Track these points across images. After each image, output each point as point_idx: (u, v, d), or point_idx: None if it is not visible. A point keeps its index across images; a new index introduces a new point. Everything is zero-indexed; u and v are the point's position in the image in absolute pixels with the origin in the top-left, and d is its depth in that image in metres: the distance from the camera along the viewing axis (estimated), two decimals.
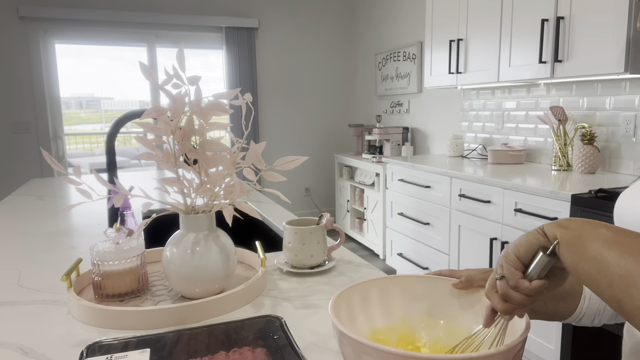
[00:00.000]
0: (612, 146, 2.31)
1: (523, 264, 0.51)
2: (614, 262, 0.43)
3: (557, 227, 0.50)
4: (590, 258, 0.46)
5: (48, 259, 1.14)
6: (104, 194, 1.80)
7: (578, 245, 0.47)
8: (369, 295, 0.68)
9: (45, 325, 0.77)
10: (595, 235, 0.47)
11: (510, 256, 0.52)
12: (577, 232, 0.48)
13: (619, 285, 0.42)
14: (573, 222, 0.50)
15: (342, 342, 0.54)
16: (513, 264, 0.51)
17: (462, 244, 2.53)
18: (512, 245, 0.52)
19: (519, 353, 0.51)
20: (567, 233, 0.49)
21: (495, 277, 0.54)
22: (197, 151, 0.80)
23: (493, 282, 0.54)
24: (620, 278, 0.42)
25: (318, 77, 4.82)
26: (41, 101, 3.93)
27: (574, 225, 0.49)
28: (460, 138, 3.22)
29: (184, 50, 0.78)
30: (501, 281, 0.53)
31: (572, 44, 2.10)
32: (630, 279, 0.41)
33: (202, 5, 4.29)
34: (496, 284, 0.54)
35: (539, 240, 0.50)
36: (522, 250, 0.51)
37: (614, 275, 0.43)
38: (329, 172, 4.99)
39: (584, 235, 0.47)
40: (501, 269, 0.53)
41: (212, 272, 0.83)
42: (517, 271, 0.51)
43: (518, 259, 0.51)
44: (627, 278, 0.42)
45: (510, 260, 0.52)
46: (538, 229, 0.51)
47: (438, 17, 3.00)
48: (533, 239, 0.51)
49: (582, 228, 0.48)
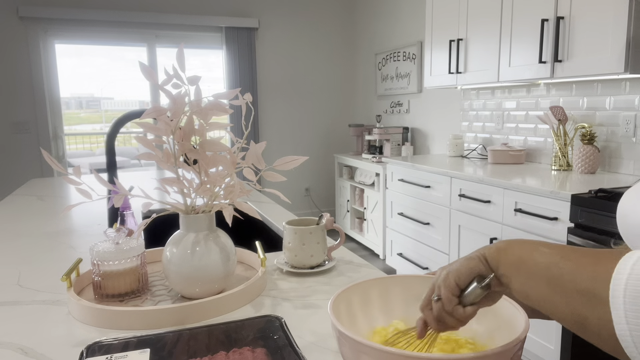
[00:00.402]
0: (612, 146, 2.32)
1: (460, 290, 0.52)
2: (569, 278, 0.42)
3: (497, 252, 0.50)
4: (540, 278, 0.45)
5: (48, 259, 1.14)
6: (104, 194, 1.80)
7: (523, 268, 0.47)
8: (369, 295, 0.68)
9: (45, 325, 0.77)
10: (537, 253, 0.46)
11: (450, 282, 0.52)
12: (519, 255, 0.48)
13: (579, 301, 0.41)
14: (513, 245, 0.49)
15: (341, 342, 0.54)
16: (451, 290, 0.52)
17: (462, 244, 2.53)
18: (453, 270, 0.53)
19: (518, 353, 0.51)
20: (510, 257, 0.49)
21: (432, 297, 0.55)
22: (197, 151, 0.80)
23: (429, 300, 0.55)
24: (578, 293, 0.41)
25: (318, 77, 4.82)
26: (41, 101, 3.93)
27: (515, 248, 0.49)
28: (460, 138, 3.22)
29: (184, 50, 0.79)
30: (437, 303, 0.54)
31: (572, 44, 2.10)
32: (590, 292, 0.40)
33: (202, 5, 4.29)
34: (431, 303, 0.55)
35: (479, 269, 0.51)
36: (462, 278, 0.52)
37: (571, 292, 0.42)
38: (329, 172, 4.99)
39: (525, 256, 0.47)
40: (439, 291, 0.54)
41: (212, 272, 0.83)
42: (454, 297, 0.52)
43: (457, 286, 0.52)
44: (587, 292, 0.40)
45: (449, 286, 0.52)
46: (480, 255, 0.51)
47: (438, 17, 3.00)
48: (474, 266, 0.51)
49: (522, 250, 0.48)
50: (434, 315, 0.54)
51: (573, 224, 1.81)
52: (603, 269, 0.40)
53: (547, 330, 1.99)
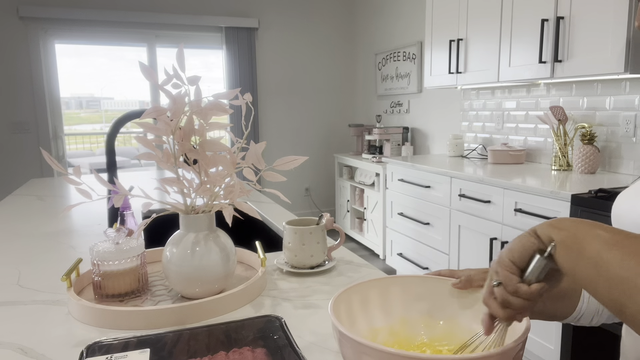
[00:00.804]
0: (612, 146, 2.31)
1: (519, 269, 0.50)
2: (615, 264, 0.42)
3: (550, 228, 0.48)
4: (588, 260, 0.44)
5: (48, 259, 1.14)
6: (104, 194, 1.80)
7: (575, 247, 0.46)
8: (369, 295, 0.68)
9: (45, 325, 0.77)
10: (592, 236, 0.45)
11: (505, 261, 0.50)
12: (572, 233, 0.47)
13: (620, 289, 0.41)
14: (566, 222, 0.48)
15: (342, 343, 0.54)
16: (509, 269, 0.50)
17: (462, 244, 2.53)
18: (505, 250, 0.51)
19: (519, 353, 0.51)
20: (562, 234, 0.47)
21: (492, 284, 0.52)
22: (197, 151, 0.80)
23: (490, 289, 0.52)
24: (621, 281, 0.41)
25: (318, 77, 4.82)
26: (41, 101, 3.93)
27: (568, 226, 0.48)
28: (460, 138, 3.22)
29: (184, 50, 0.78)
30: (499, 288, 0.51)
31: (572, 44, 2.10)
32: (631, 281, 0.40)
33: (202, 5, 4.29)
34: (493, 290, 0.52)
35: (533, 244, 0.49)
36: (516, 255, 0.50)
37: (615, 278, 0.41)
38: (329, 172, 4.99)
39: (579, 236, 0.46)
40: (497, 275, 0.51)
41: (212, 272, 0.83)
42: (514, 276, 0.50)
43: (513, 264, 0.50)
44: (630, 281, 0.40)
45: (506, 266, 0.50)
46: (530, 232, 0.50)
47: (438, 17, 3.00)
48: (527, 242, 0.49)
49: (577, 229, 0.47)
50: (498, 302, 0.51)
51: None
52: None
53: (547, 330, 1.99)
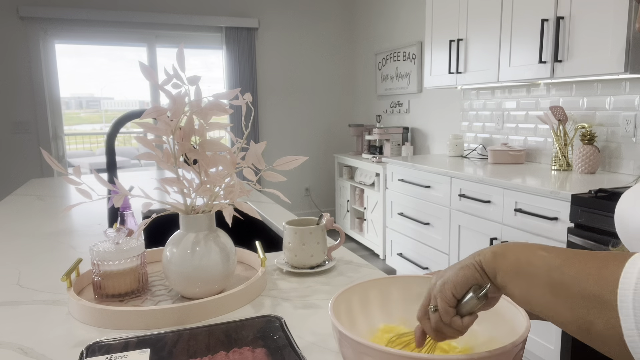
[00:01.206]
0: (612, 146, 2.31)
1: (457, 300, 0.51)
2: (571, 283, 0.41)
3: (494, 258, 0.48)
4: (541, 284, 0.43)
5: (48, 259, 1.14)
6: (104, 194, 1.80)
7: (523, 273, 0.45)
8: (368, 295, 0.68)
9: (45, 325, 0.77)
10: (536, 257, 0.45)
11: (447, 293, 0.51)
12: (517, 259, 0.46)
13: (584, 307, 0.40)
14: (510, 248, 0.48)
15: (342, 343, 0.54)
16: (448, 302, 0.51)
17: (462, 244, 2.53)
18: (449, 281, 0.51)
19: (519, 353, 0.51)
20: (507, 262, 0.47)
21: (429, 308, 0.54)
22: (197, 151, 0.80)
23: (426, 309, 0.54)
24: (583, 298, 0.40)
25: (318, 77, 4.82)
26: (41, 101, 3.93)
27: (512, 252, 0.47)
28: (460, 138, 3.22)
29: (184, 50, 0.79)
30: (435, 314, 0.53)
31: (572, 44, 2.10)
32: (596, 297, 0.39)
33: (202, 5, 4.29)
34: (429, 313, 0.54)
35: (476, 278, 0.50)
36: (458, 289, 0.50)
37: (575, 297, 0.40)
38: (329, 172, 4.99)
39: (525, 261, 0.45)
40: (435, 302, 0.52)
41: (212, 272, 0.83)
42: (451, 309, 0.51)
43: (454, 297, 0.51)
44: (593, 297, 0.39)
45: (446, 298, 0.51)
46: (476, 263, 0.50)
47: (438, 17, 3.00)
48: (470, 275, 0.50)
49: (521, 253, 0.46)
50: (432, 326, 0.54)
51: (573, 224, 1.81)
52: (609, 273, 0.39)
53: (547, 330, 1.99)
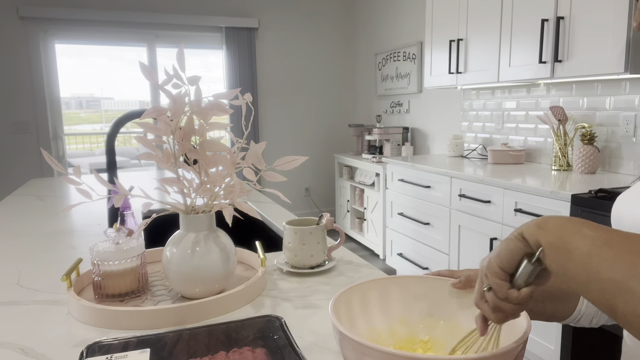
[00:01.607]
0: (612, 146, 2.31)
1: (508, 274, 0.50)
2: (604, 266, 0.41)
3: (537, 230, 0.48)
4: (578, 262, 0.43)
5: (48, 259, 1.14)
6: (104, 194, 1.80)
7: (563, 249, 0.45)
8: (368, 296, 0.68)
9: (45, 325, 0.77)
10: (580, 236, 0.44)
11: (494, 268, 0.50)
12: (559, 234, 0.46)
13: (611, 291, 0.40)
14: (553, 222, 0.47)
15: (343, 344, 0.54)
16: (498, 276, 0.50)
17: (462, 244, 2.53)
18: (493, 255, 0.50)
19: (521, 353, 0.51)
20: (549, 236, 0.47)
21: (482, 289, 0.52)
22: (197, 151, 0.80)
23: (481, 292, 0.53)
24: (612, 283, 0.40)
25: (318, 77, 4.82)
26: (41, 101, 3.93)
27: (555, 226, 0.47)
28: (460, 138, 3.22)
29: (184, 50, 0.78)
30: (489, 293, 0.51)
31: (572, 44, 2.10)
32: (624, 283, 0.39)
33: (202, 5, 4.29)
34: (484, 294, 0.52)
35: (520, 248, 0.49)
36: (504, 261, 0.50)
37: (606, 280, 0.41)
38: (329, 172, 4.99)
39: (567, 237, 0.45)
40: (487, 280, 0.51)
41: (212, 272, 0.83)
42: (504, 282, 0.50)
43: (502, 270, 0.50)
44: (621, 282, 0.40)
45: (495, 272, 0.50)
46: (517, 235, 0.49)
47: (438, 17, 3.00)
48: (514, 247, 0.49)
49: (564, 229, 0.46)
50: (490, 306, 0.52)
51: None
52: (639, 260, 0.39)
53: (547, 330, 1.99)
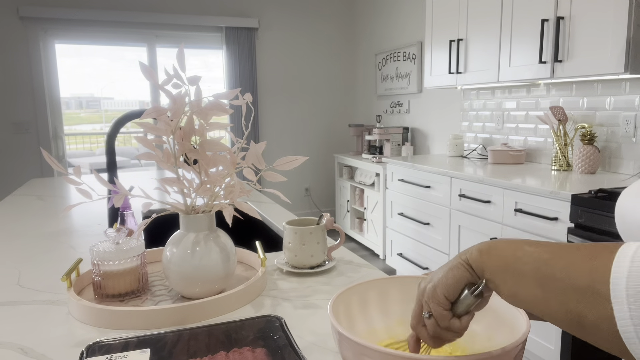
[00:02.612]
0: (612, 146, 2.32)
1: (450, 303, 0.50)
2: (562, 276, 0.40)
3: (482, 256, 0.47)
4: (529, 279, 0.43)
5: (48, 259, 1.14)
6: (104, 194, 1.80)
7: (510, 270, 0.44)
8: (367, 296, 0.68)
9: (45, 325, 0.77)
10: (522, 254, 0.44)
11: (439, 297, 0.49)
12: (504, 257, 0.45)
13: (575, 299, 0.39)
14: (496, 246, 0.47)
15: (342, 344, 0.54)
16: (442, 305, 0.49)
17: (462, 244, 2.52)
18: (440, 284, 0.49)
19: (520, 354, 0.51)
20: (494, 261, 0.46)
21: (423, 315, 0.52)
22: (197, 151, 0.80)
23: (420, 318, 0.52)
24: (575, 290, 0.39)
25: (318, 77, 4.82)
26: (41, 101, 3.93)
27: (496, 250, 0.46)
28: (460, 138, 3.22)
29: (184, 50, 0.79)
30: (430, 320, 0.51)
31: (572, 44, 2.10)
32: (589, 288, 0.38)
33: (202, 5, 4.29)
34: (423, 320, 0.52)
35: (466, 277, 0.48)
36: (450, 290, 0.49)
37: (566, 290, 0.40)
38: (329, 172, 4.99)
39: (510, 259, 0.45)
40: (428, 307, 0.51)
41: (212, 272, 0.83)
42: (447, 312, 0.50)
43: (447, 299, 0.49)
44: (586, 288, 0.39)
45: (439, 301, 0.50)
46: (463, 262, 0.48)
47: (438, 17, 3.00)
48: (460, 276, 0.48)
49: (508, 250, 0.45)
50: (429, 334, 0.52)
51: (573, 224, 1.81)
52: (599, 262, 0.38)
53: (547, 330, 1.99)
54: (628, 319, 0.36)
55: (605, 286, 0.37)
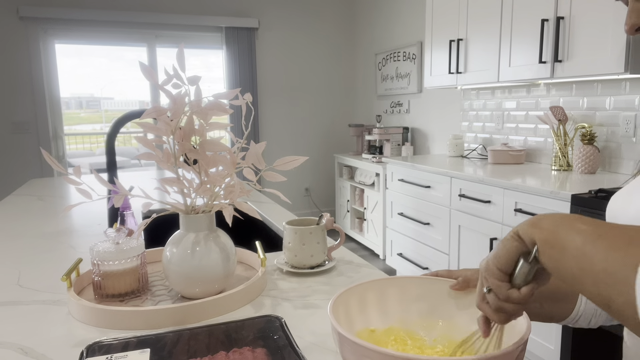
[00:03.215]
0: (612, 146, 2.31)
1: (506, 274, 0.50)
2: (598, 258, 0.41)
3: (531, 229, 0.48)
4: (572, 256, 0.44)
5: (48, 259, 1.14)
6: (104, 194, 1.80)
7: (557, 245, 0.45)
8: (366, 297, 0.68)
9: (45, 325, 0.77)
10: (574, 231, 0.45)
11: (492, 269, 0.50)
12: (553, 231, 0.46)
13: (605, 282, 0.40)
14: (547, 219, 0.48)
15: (342, 345, 0.54)
16: (497, 277, 0.50)
17: (462, 244, 2.53)
18: (491, 257, 0.51)
19: (521, 354, 0.51)
20: (544, 233, 0.47)
21: (483, 290, 0.53)
22: (197, 151, 0.80)
23: (482, 294, 0.53)
24: (606, 274, 0.40)
25: (318, 77, 4.82)
26: (41, 101, 3.93)
27: (549, 223, 0.47)
28: (460, 138, 3.22)
29: (184, 50, 0.78)
30: (490, 294, 0.52)
31: (572, 44, 2.10)
32: (618, 273, 0.39)
33: (202, 5, 4.29)
34: (485, 296, 0.53)
35: (517, 248, 0.49)
36: (502, 262, 0.50)
37: (600, 272, 0.41)
38: (329, 172, 4.99)
39: (561, 233, 0.45)
40: (486, 282, 0.52)
41: (212, 272, 0.83)
42: (504, 283, 0.50)
43: (500, 271, 0.50)
44: (615, 273, 0.39)
45: (494, 274, 0.50)
46: (513, 234, 0.49)
47: (438, 17, 3.00)
48: (511, 247, 0.49)
49: (558, 225, 0.46)
50: (492, 308, 0.52)
51: None
52: (634, 251, 0.39)
53: (547, 331, 1.99)
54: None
55: (633, 273, 0.38)
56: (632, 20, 0.60)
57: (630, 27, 0.61)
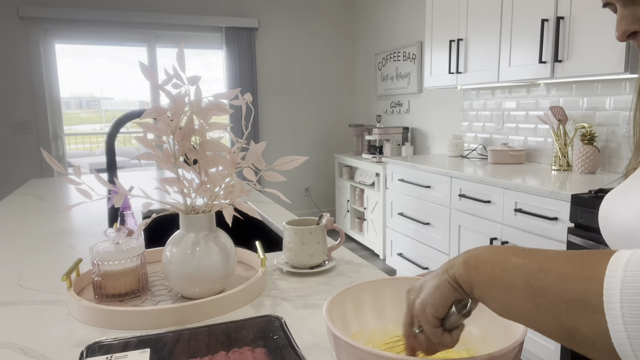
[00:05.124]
0: (612, 146, 2.32)
1: (440, 319, 0.50)
2: (553, 289, 0.39)
3: (467, 272, 0.46)
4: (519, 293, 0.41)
5: (48, 259, 1.14)
6: (104, 194, 1.80)
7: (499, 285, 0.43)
8: (361, 298, 0.67)
9: (45, 325, 0.77)
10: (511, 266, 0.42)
11: (429, 317, 0.49)
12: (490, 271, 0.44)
13: (567, 313, 0.38)
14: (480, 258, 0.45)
15: (337, 347, 0.54)
16: (432, 324, 0.49)
17: (462, 244, 2.53)
18: (428, 304, 0.49)
19: (517, 355, 0.51)
20: (481, 275, 0.45)
21: (414, 329, 0.52)
22: (197, 151, 0.80)
23: (411, 330, 0.52)
24: (567, 304, 0.38)
25: (318, 77, 4.82)
26: (41, 101, 3.93)
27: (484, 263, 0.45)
28: (460, 138, 3.22)
29: (184, 50, 0.79)
30: (422, 335, 0.51)
31: (572, 44, 2.10)
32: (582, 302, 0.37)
33: (202, 5, 4.29)
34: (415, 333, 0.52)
35: (454, 296, 0.48)
36: (439, 310, 0.49)
37: (558, 304, 0.38)
38: (329, 172, 4.99)
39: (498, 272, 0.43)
40: (419, 323, 0.51)
41: (212, 272, 0.83)
42: (438, 329, 0.49)
43: (436, 318, 0.49)
44: (578, 302, 0.37)
45: (429, 321, 0.49)
46: (450, 279, 0.47)
47: (438, 17, 3.00)
48: (448, 295, 0.47)
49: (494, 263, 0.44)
50: (422, 346, 0.52)
51: (573, 224, 1.81)
52: (591, 273, 0.37)
53: None
54: (623, 332, 0.35)
55: (598, 298, 0.36)
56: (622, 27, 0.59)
57: (621, 34, 0.60)
